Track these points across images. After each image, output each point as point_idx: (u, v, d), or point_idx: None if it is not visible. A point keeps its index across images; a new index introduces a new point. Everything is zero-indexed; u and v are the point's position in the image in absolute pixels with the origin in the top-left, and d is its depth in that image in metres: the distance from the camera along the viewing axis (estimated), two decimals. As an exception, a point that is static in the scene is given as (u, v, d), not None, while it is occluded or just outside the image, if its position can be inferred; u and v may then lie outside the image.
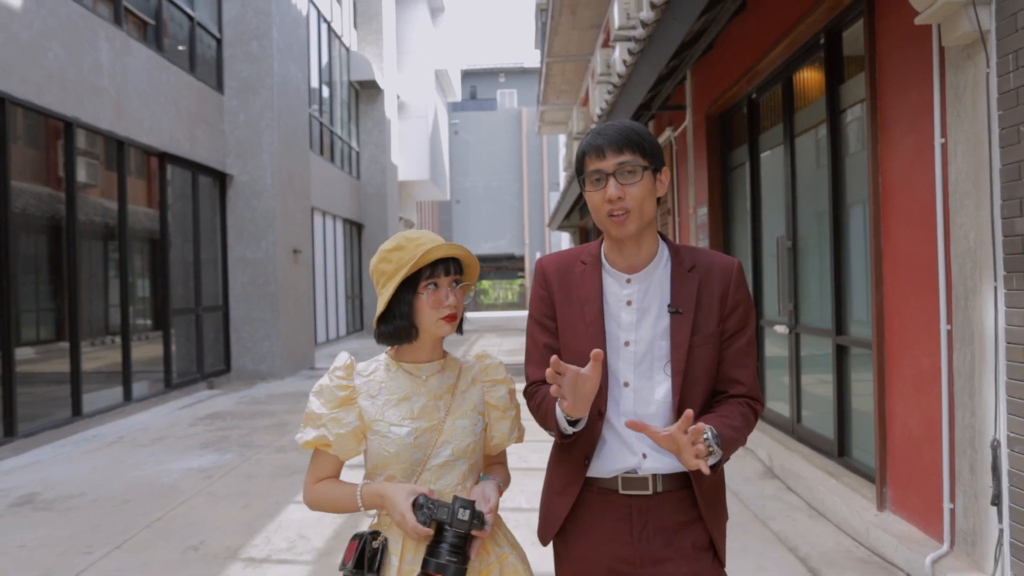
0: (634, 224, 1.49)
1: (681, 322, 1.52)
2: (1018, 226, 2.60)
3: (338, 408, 1.58)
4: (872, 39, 3.64)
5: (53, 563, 3.66)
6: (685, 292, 1.53)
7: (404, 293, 1.55)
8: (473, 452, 1.61)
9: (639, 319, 1.55)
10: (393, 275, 1.54)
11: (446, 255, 1.56)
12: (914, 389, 3.37)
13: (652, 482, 1.52)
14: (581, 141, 1.56)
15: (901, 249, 3.47)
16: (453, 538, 1.45)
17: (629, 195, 1.48)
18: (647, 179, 1.50)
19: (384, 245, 1.58)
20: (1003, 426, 2.71)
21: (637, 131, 1.51)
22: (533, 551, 1.83)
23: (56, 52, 6.74)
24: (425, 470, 1.56)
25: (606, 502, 1.54)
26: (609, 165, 1.48)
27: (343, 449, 1.58)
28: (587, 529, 1.57)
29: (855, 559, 3.45)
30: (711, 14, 4.90)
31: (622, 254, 1.56)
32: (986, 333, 2.79)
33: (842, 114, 4.34)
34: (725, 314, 1.54)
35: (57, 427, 6.63)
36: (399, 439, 1.55)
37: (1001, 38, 2.66)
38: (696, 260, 1.56)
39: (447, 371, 1.65)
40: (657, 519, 1.53)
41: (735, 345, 1.55)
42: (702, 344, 1.52)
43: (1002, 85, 2.66)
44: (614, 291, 1.57)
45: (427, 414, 1.58)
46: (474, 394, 1.65)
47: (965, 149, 2.89)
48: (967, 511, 2.95)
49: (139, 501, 4.71)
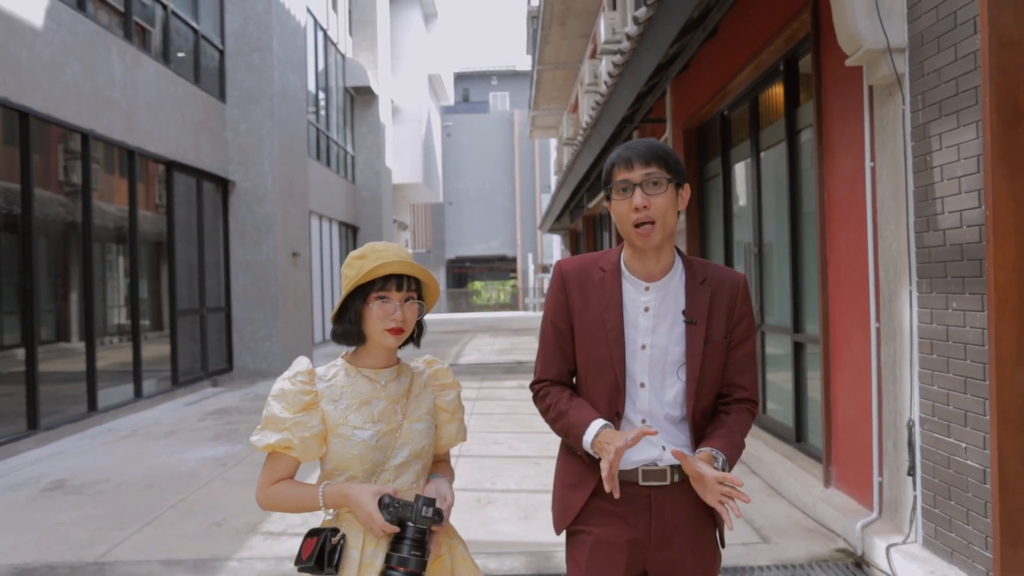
0: (658, 235, 1.61)
1: (696, 332, 1.64)
2: (927, 239, 3.08)
3: (301, 412, 1.63)
4: (819, 73, 4.13)
5: (91, 537, 4.10)
6: (699, 303, 1.65)
7: (354, 300, 1.64)
8: (427, 453, 1.72)
9: (655, 325, 1.66)
10: (351, 280, 1.63)
11: (397, 272, 1.63)
12: (851, 379, 3.86)
13: (670, 473, 1.64)
14: (611, 155, 1.68)
15: (841, 256, 3.95)
16: (415, 534, 1.55)
17: (654, 205, 1.60)
18: (671, 191, 1.62)
19: (354, 251, 1.67)
20: (916, 409, 3.19)
21: (663, 148, 1.64)
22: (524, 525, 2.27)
23: (73, 68, 7.16)
24: (384, 470, 1.65)
25: (626, 493, 1.62)
26: (637, 176, 1.60)
27: (307, 452, 1.63)
28: (607, 517, 1.66)
29: (802, 528, 3.93)
30: (684, 40, 5.38)
31: (642, 263, 1.67)
32: (904, 330, 3.27)
33: (798, 134, 4.82)
34: (732, 325, 1.68)
35: (74, 421, 7.04)
36: (362, 442, 1.63)
37: (913, 81, 3.14)
38: (707, 274, 1.69)
39: (402, 376, 1.74)
40: (673, 507, 1.65)
41: (739, 352, 1.69)
42: (712, 352, 1.65)
43: (914, 120, 3.14)
44: (633, 297, 1.67)
45: (387, 417, 1.67)
46: (426, 398, 1.75)
47: (888, 173, 3.37)
48: (891, 483, 3.43)
49: (161, 486, 5.15)
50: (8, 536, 4.14)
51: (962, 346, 2.86)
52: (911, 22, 3.14)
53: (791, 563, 3.47)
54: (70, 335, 7.35)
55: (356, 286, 1.62)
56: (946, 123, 2.91)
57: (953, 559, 2.95)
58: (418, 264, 1.65)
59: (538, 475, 5.12)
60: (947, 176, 2.92)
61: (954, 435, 2.93)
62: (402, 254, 1.65)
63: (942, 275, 2.97)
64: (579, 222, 18.86)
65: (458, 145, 38.56)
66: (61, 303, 7.29)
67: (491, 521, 4.18)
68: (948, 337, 2.95)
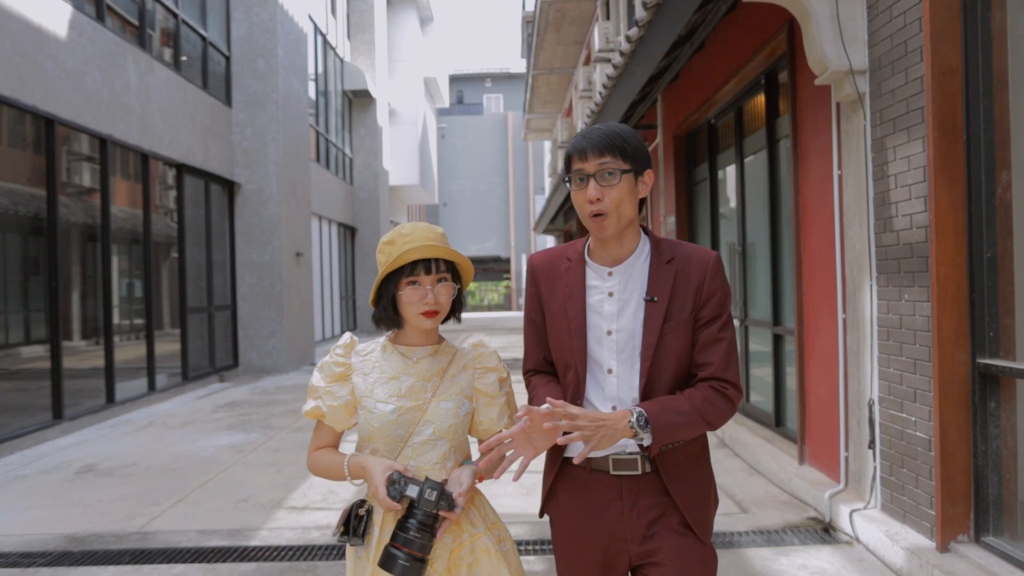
0: (613, 226, 1.57)
1: (654, 310, 1.59)
2: (884, 239, 3.50)
3: (334, 383, 1.72)
4: (794, 88, 4.54)
5: (129, 512, 4.47)
6: (662, 282, 1.61)
7: (388, 286, 1.67)
8: (455, 434, 1.70)
9: (620, 309, 1.62)
10: (383, 266, 1.66)
11: (423, 256, 1.64)
12: (822, 366, 4.27)
13: (640, 463, 1.60)
14: (570, 142, 1.66)
15: (813, 255, 4.37)
16: (422, 516, 1.54)
17: (608, 197, 1.55)
18: (627, 181, 1.57)
19: (384, 236, 1.69)
20: (876, 389, 3.61)
21: (620, 134, 1.58)
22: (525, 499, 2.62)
23: (93, 76, 7.52)
24: (407, 446, 1.67)
25: (599, 483, 1.62)
26: (591, 167, 1.57)
27: (335, 420, 1.72)
28: (581, 508, 1.65)
29: (778, 501, 4.34)
30: (674, 54, 5.78)
31: (605, 250, 1.65)
32: (865, 320, 3.68)
33: (778, 143, 5.24)
34: (700, 303, 1.59)
35: (94, 412, 7.40)
36: (383, 415, 1.66)
37: (873, 99, 3.56)
38: (675, 252, 1.64)
39: (440, 356, 1.75)
40: (647, 497, 1.60)
41: (708, 330, 1.60)
42: (674, 331, 1.58)
43: (873, 134, 3.56)
44: (596, 284, 1.65)
45: (414, 394, 1.68)
46: (463, 379, 1.74)
47: (852, 181, 3.78)
48: (855, 456, 3.84)
49: (185, 469, 5.52)
50: (54, 511, 4.51)
51: (912, 332, 3.27)
52: (871, 48, 3.56)
53: (767, 529, 3.87)
54: (88, 332, 7.70)
55: (387, 273, 1.65)
56: (899, 137, 3.33)
57: (905, 519, 3.36)
58: (445, 246, 1.66)
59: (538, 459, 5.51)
60: (900, 184, 3.33)
61: (906, 411, 3.34)
62: (429, 236, 1.65)
63: (896, 270, 3.39)
64: (572, 223, 19.27)
65: (452, 147, 38.91)
66: (81, 302, 7.63)
67: (497, 496, 4.56)
68: (901, 325, 3.36)
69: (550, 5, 13.38)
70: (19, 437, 6.22)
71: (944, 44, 3.00)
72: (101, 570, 3.56)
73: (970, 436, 3.02)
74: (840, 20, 3.57)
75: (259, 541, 3.92)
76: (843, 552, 3.52)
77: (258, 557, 3.69)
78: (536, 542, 3.82)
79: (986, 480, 2.99)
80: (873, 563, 3.36)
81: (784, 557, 3.50)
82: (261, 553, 3.73)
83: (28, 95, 6.47)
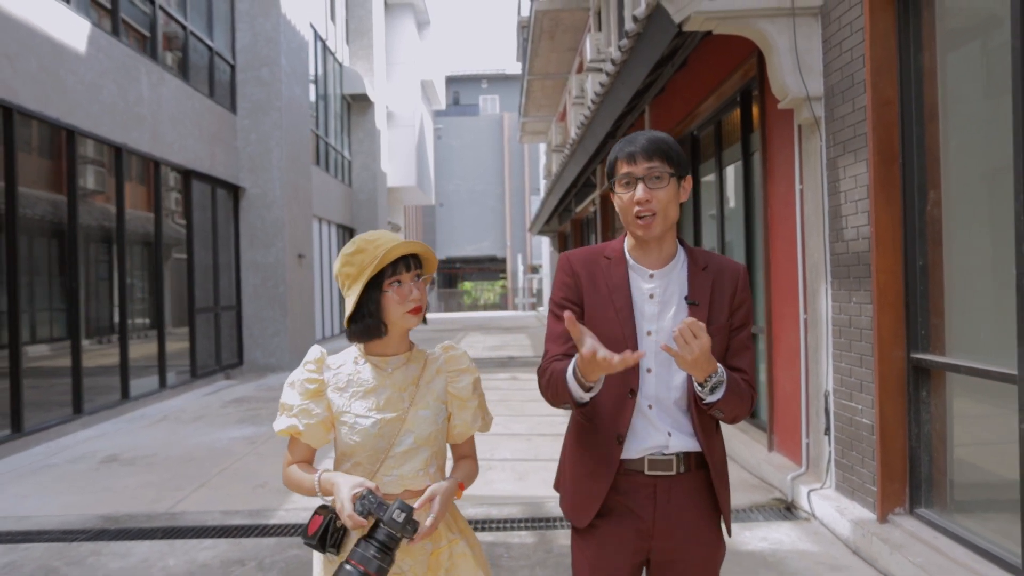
0: (659, 226, 1.63)
1: (697, 313, 1.65)
2: (836, 248, 3.93)
3: (308, 400, 1.69)
4: (763, 109, 4.97)
5: (156, 495, 4.89)
6: (701, 288, 1.68)
7: (371, 292, 1.64)
8: (435, 440, 1.70)
9: (660, 311, 1.68)
10: (357, 277, 1.63)
11: (405, 252, 1.66)
12: (788, 362, 4.71)
13: (676, 462, 1.65)
14: (614, 147, 1.71)
15: (780, 261, 4.80)
16: (384, 537, 1.51)
17: (656, 199, 1.62)
18: (672, 185, 1.64)
19: (344, 250, 1.66)
20: (830, 381, 4.04)
21: (666, 141, 1.65)
22: (519, 484, 3.04)
23: (109, 88, 7.91)
24: (389, 457, 1.66)
25: (632, 483, 1.65)
26: (639, 170, 1.62)
27: (313, 438, 1.70)
28: (613, 508, 1.67)
29: (748, 484, 4.77)
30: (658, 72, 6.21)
31: (645, 252, 1.70)
32: (822, 319, 4.12)
33: (752, 156, 5.67)
34: (733, 309, 1.70)
35: (110, 407, 7.80)
36: (364, 430, 1.65)
37: (827, 123, 3.99)
38: (709, 261, 1.72)
39: (412, 363, 1.74)
40: (678, 497, 1.66)
41: (738, 337, 1.70)
42: (714, 334, 1.64)
43: (828, 154, 3.99)
44: (638, 285, 1.69)
45: (392, 405, 1.68)
46: (438, 384, 1.73)
47: (811, 195, 4.22)
48: (814, 443, 4.28)
49: (202, 459, 5.93)
50: (86, 495, 4.92)
51: (859, 331, 3.70)
52: (825, 77, 3.99)
53: (736, 508, 4.30)
54: (103, 331, 8.10)
55: (370, 277, 1.63)
56: (848, 158, 3.76)
57: (854, 496, 3.80)
58: (414, 240, 1.70)
59: (529, 448, 5.94)
60: (849, 199, 3.76)
61: (854, 400, 3.78)
62: (396, 237, 1.68)
63: (847, 276, 3.82)
64: (567, 225, 19.70)
65: (448, 147, 39.27)
66: (97, 302, 8.03)
67: (493, 482, 5.00)
68: (850, 324, 3.80)
69: (544, 14, 13.81)
70: (43, 430, 6.63)
71: (882, 79, 3.43)
72: (137, 544, 3.98)
73: (906, 422, 3.45)
74: (798, 53, 4.00)
75: (277, 520, 4.34)
76: (801, 527, 3.95)
77: (278, 533, 4.11)
78: (528, 520, 4.24)
79: (919, 460, 3.43)
80: (825, 534, 3.79)
81: (748, 531, 3.93)
82: (280, 530, 4.15)
83: (52, 108, 6.87)
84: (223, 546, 3.92)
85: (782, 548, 3.66)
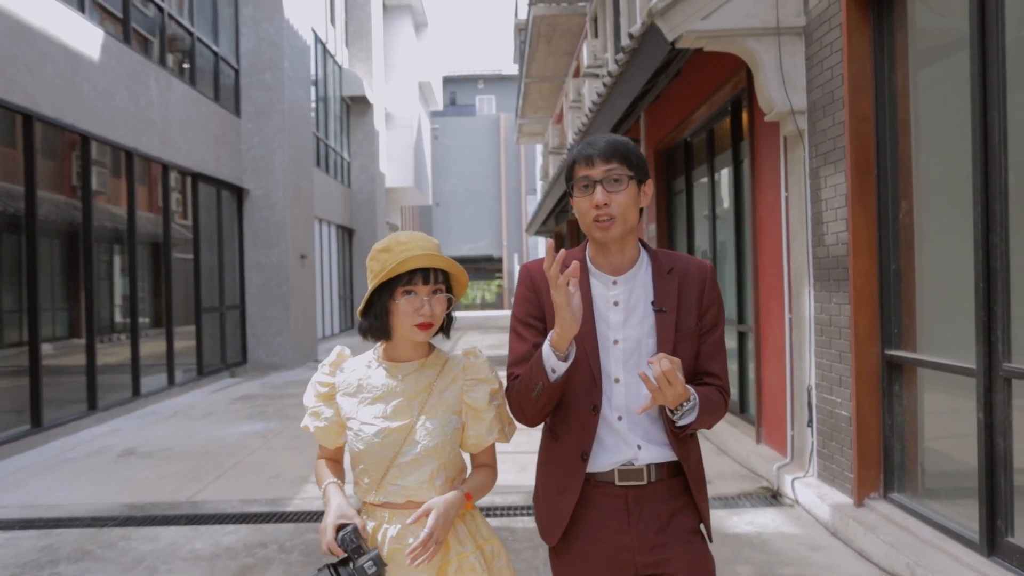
0: (618, 229, 1.58)
1: (666, 320, 1.61)
2: (818, 252, 4.21)
3: (320, 402, 1.71)
4: (752, 119, 5.25)
5: (176, 486, 5.14)
6: (667, 292, 1.63)
7: (382, 295, 1.60)
8: (443, 451, 1.64)
9: (626, 318, 1.62)
10: (376, 275, 1.59)
11: (425, 265, 1.58)
12: (774, 358, 4.99)
13: (647, 472, 1.60)
14: (572, 150, 1.66)
15: (767, 264, 5.08)
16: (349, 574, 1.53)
17: (614, 202, 1.57)
18: (632, 188, 1.59)
19: (378, 243, 1.62)
20: (813, 377, 4.32)
21: (625, 144, 1.61)
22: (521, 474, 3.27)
23: (121, 95, 8.16)
24: (394, 467, 1.62)
25: (603, 495, 1.61)
26: (597, 173, 1.58)
27: (325, 439, 1.72)
28: (586, 523, 1.62)
29: (737, 475, 5.06)
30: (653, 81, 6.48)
31: (607, 258, 1.64)
32: (805, 319, 4.40)
33: (742, 162, 5.95)
34: (702, 312, 1.64)
35: (122, 404, 8.05)
36: (367, 438, 1.63)
37: (810, 135, 4.27)
38: (674, 263, 1.67)
39: (427, 368, 1.68)
40: (652, 507, 1.61)
41: (709, 340, 1.65)
42: (683, 340, 1.62)
43: (811, 164, 4.27)
44: (601, 292, 1.64)
45: (400, 414, 1.63)
46: (452, 393, 1.67)
47: (795, 202, 4.50)
48: (799, 434, 4.56)
49: (217, 453, 6.19)
50: (109, 486, 5.17)
51: (839, 329, 3.99)
52: (808, 93, 4.27)
53: (725, 496, 4.58)
54: (114, 329, 8.34)
55: (382, 281, 1.59)
56: (828, 169, 4.04)
57: (833, 483, 4.08)
58: (444, 255, 1.61)
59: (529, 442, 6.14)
60: (829, 207, 4.04)
61: (834, 394, 4.06)
62: (427, 245, 1.60)
63: (827, 278, 4.10)
64: (563, 226, 19.98)
65: (445, 147, 39.49)
66: (108, 301, 8.28)
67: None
68: (831, 323, 4.08)
69: (542, 19, 14.07)
70: (60, 425, 6.87)
71: (859, 96, 3.71)
72: (163, 530, 4.24)
73: (880, 414, 3.73)
74: (784, 69, 4.27)
75: (294, 508, 4.60)
76: (784, 512, 4.23)
77: (295, 519, 4.37)
78: (529, 507, 4.52)
79: (892, 449, 3.71)
80: (806, 518, 4.08)
81: (735, 516, 4.21)
82: (297, 516, 4.42)
83: (67, 114, 7.12)
84: (245, 531, 4.19)
85: (767, 531, 3.94)
